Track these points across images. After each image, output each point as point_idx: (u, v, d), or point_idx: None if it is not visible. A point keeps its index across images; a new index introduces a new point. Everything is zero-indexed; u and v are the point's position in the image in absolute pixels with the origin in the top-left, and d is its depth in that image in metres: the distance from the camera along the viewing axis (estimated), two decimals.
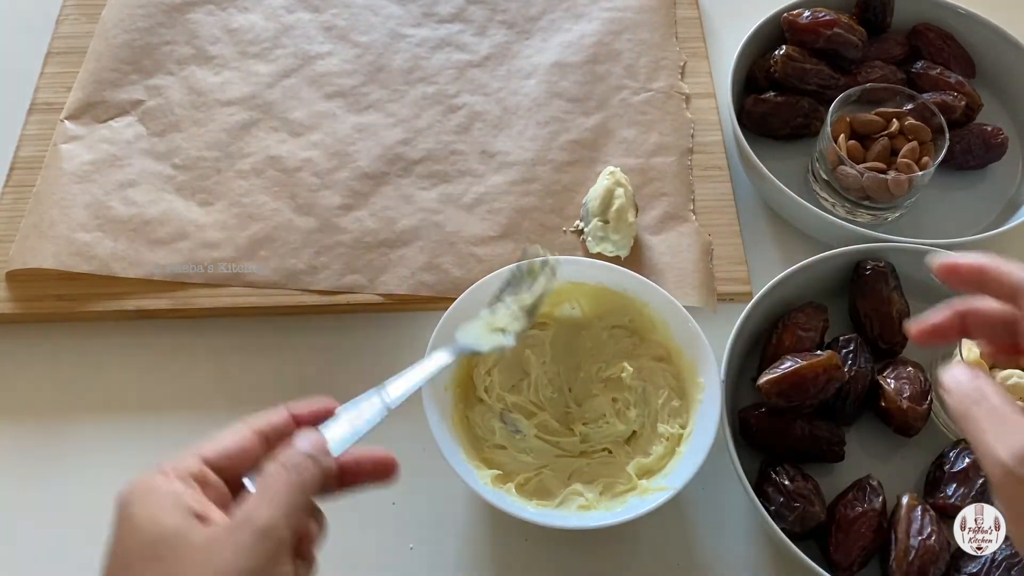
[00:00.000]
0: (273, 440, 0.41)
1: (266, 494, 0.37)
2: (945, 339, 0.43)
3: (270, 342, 0.68)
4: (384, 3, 0.85)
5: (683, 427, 0.59)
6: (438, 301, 0.66)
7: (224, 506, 0.38)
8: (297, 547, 0.38)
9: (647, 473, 0.57)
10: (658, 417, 0.60)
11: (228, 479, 0.39)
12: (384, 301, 0.67)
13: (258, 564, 0.35)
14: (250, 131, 0.76)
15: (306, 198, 0.72)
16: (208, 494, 0.38)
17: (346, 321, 0.68)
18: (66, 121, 0.76)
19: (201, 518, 0.36)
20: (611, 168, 0.72)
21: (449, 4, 0.85)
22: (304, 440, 0.40)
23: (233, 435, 0.40)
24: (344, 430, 0.42)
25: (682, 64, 0.82)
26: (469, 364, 0.61)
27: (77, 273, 0.67)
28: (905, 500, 0.56)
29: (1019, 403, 0.38)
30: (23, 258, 0.68)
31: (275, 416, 0.41)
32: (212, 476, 0.38)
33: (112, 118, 0.76)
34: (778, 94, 0.76)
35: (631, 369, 0.60)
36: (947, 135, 0.69)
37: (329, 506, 0.42)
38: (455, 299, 0.60)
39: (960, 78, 0.77)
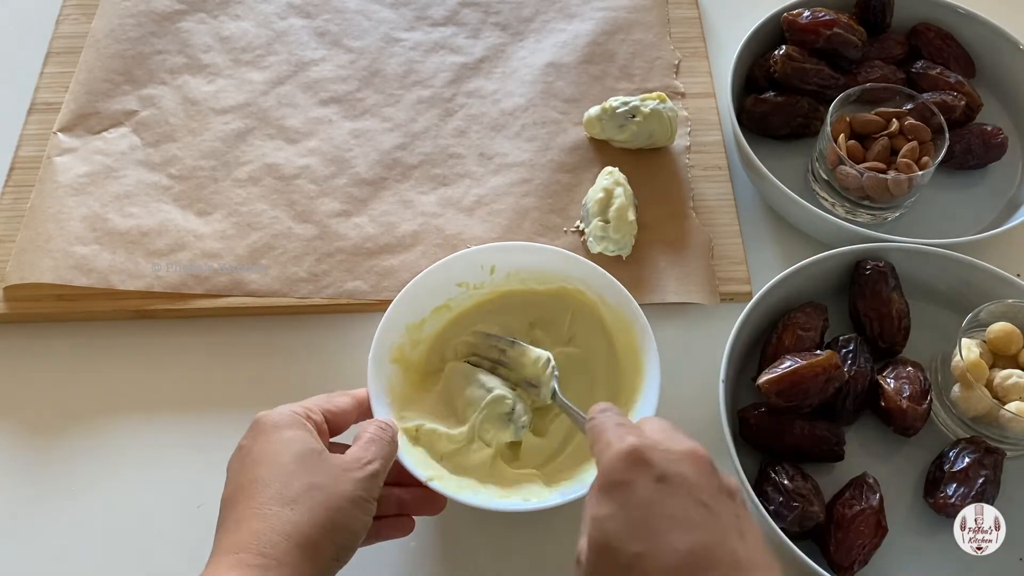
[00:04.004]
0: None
1: (371, 447, 0.54)
2: None
3: (270, 342, 0.71)
4: (376, 8, 0.89)
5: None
6: None
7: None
8: None
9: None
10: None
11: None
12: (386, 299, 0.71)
13: (368, 496, 0.52)
14: (246, 139, 0.80)
15: (305, 205, 0.76)
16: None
17: (347, 320, 0.72)
18: (59, 133, 0.79)
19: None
20: (610, 168, 0.76)
21: (442, 7, 0.89)
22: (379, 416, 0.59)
23: (341, 398, 0.59)
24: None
25: (676, 63, 0.86)
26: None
27: None
28: None
29: None
30: (20, 273, 0.71)
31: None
32: (323, 425, 0.56)
33: (106, 129, 0.80)
34: (778, 94, 0.79)
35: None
36: (947, 135, 0.73)
37: None
38: None
39: (960, 78, 0.80)
